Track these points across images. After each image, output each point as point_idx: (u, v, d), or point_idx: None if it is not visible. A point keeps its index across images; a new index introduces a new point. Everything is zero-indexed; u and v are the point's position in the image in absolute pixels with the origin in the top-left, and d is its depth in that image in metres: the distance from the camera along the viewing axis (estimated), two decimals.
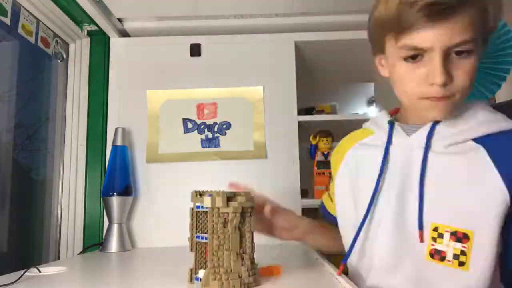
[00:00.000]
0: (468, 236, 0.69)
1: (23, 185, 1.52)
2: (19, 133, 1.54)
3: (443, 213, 0.73)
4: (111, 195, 1.46)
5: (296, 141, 1.62)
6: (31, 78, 1.53)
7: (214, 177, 1.60)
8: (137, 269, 1.05)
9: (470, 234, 0.69)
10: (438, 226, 0.72)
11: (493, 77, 1.25)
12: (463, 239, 0.69)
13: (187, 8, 1.57)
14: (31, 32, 1.39)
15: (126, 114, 1.64)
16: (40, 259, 1.58)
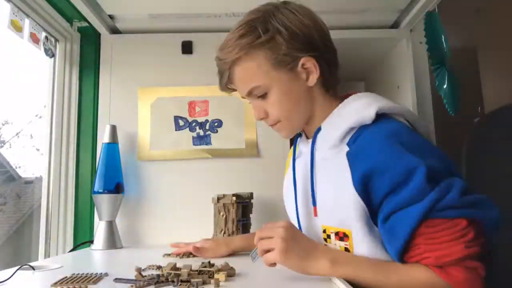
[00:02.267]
0: (347, 235, 0.77)
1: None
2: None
3: (328, 216, 0.81)
4: (102, 192, 1.45)
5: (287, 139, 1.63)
6: None
7: (205, 174, 1.61)
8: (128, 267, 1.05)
9: (348, 233, 0.77)
10: (325, 228, 0.81)
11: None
12: (344, 237, 0.77)
13: (178, 5, 1.57)
14: (20, 28, 1.38)
15: (117, 112, 1.64)
16: (29, 256, 1.56)
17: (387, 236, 0.72)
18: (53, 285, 0.74)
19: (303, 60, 0.84)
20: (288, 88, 0.85)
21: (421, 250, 0.70)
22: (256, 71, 0.84)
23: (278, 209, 1.58)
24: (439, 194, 0.68)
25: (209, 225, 1.43)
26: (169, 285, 0.72)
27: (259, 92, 0.86)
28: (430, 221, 0.69)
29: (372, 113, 0.77)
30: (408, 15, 1.64)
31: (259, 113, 0.89)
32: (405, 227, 0.69)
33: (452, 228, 0.68)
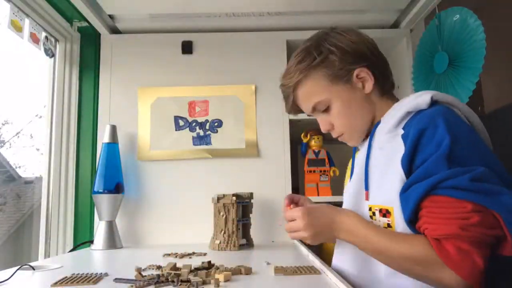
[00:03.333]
0: (390, 211, 0.82)
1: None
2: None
3: (375, 195, 0.87)
4: (102, 192, 1.45)
5: (288, 139, 1.63)
6: None
7: (205, 174, 1.61)
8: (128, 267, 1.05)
9: (390, 210, 0.81)
10: (371, 206, 0.87)
11: (466, 74, 1.29)
12: (387, 214, 0.82)
13: (179, 5, 1.57)
14: (20, 28, 1.38)
15: (117, 112, 1.64)
16: (29, 256, 1.57)
17: (402, 205, 0.78)
18: (53, 285, 0.74)
19: (357, 71, 0.93)
20: (347, 99, 0.94)
21: (422, 220, 0.75)
22: (316, 89, 0.95)
23: (278, 209, 1.58)
24: (451, 173, 0.71)
25: (209, 225, 1.43)
26: (169, 285, 0.72)
27: (322, 106, 0.96)
28: (434, 197, 0.73)
29: (427, 98, 0.83)
30: (408, 15, 1.64)
31: (325, 125, 0.99)
32: (412, 199, 0.75)
33: (453, 208, 0.71)
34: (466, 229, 0.68)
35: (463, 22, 1.31)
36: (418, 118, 0.81)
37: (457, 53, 1.33)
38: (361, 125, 0.96)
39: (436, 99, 0.84)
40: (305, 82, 0.95)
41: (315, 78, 0.95)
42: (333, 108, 0.95)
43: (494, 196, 0.69)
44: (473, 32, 1.26)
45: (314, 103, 0.96)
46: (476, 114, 0.87)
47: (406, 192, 0.77)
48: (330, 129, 0.99)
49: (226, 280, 0.76)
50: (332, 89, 0.94)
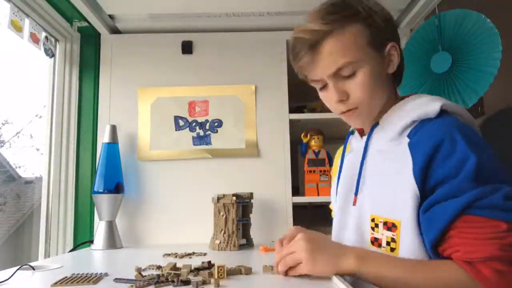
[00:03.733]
0: (396, 225, 0.76)
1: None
2: None
3: (378, 205, 0.81)
4: (102, 192, 1.45)
5: (288, 139, 1.63)
6: None
7: (205, 174, 1.61)
8: (128, 267, 1.05)
9: (397, 223, 0.76)
10: (374, 217, 0.80)
11: (476, 76, 1.28)
12: (392, 228, 0.77)
13: (179, 5, 1.57)
14: (20, 28, 1.38)
15: (117, 111, 1.64)
16: (29, 256, 1.57)
17: (425, 226, 0.72)
18: (53, 285, 0.74)
19: (391, 44, 0.84)
20: (376, 71, 0.83)
21: (452, 243, 0.69)
22: (351, 45, 0.80)
23: (278, 209, 1.58)
24: (483, 192, 0.67)
25: (209, 225, 1.43)
26: (169, 285, 0.72)
27: (349, 69, 0.81)
28: (468, 216, 0.68)
29: (437, 107, 0.77)
30: (408, 15, 1.64)
31: (341, 94, 0.83)
32: (441, 219, 0.69)
33: (489, 228, 0.66)
34: (504, 250, 0.64)
35: (476, 24, 1.28)
36: (429, 129, 0.76)
37: (463, 53, 1.30)
38: (377, 105, 0.86)
39: (446, 109, 0.78)
40: (342, 33, 0.79)
41: (354, 32, 0.80)
42: (359, 74, 0.81)
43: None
44: (488, 37, 1.24)
45: (344, 62, 0.80)
46: (479, 116, 0.86)
47: (429, 212, 0.71)
48: (344, 100, 0.84)
49: (221, 272, 0.76)
50: (367, 52, 0.81)
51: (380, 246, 0.80)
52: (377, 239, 0.80)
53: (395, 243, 0.76)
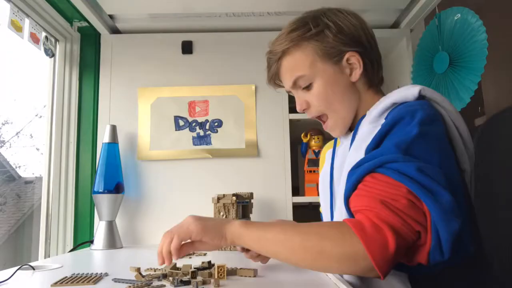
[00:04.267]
0: None
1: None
2: None
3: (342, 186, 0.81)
4: (102, 192, 1.45)
5: (288, 139, 1.63)
6: None
7: (205, 174, 1.61)
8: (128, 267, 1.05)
9: None
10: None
11: (467, 74, 1.29)
12: None
13: (178, 5, 1.57)
14: (20, 28, 1.38)
15: (117, 112, 1.64)
16: (29, 256, 1.57)
17: (346, 182, 0.74)
18: (53, 285, 0.74)
19: (348, 54, 0.89)
20: (332, 80, 0.89)
21: (354, 193, 0.70)
22: (303, 61, 0.90)
23: (278, 209, 1.58)
24: (400, 158, 0.67)
25: None
26: (169, 285, 0.72)
27: (304, 82, 0.91)
28: (375, 174, 0.68)
29: (416, 91, 0.78)
30: (408, 15, 1.64)
31: (301, 104, 0.93)
32: (356, 175, 0.70)
33: (390, 188, 0.65)
34: (387, 207, 0.63)
35: (464, 22, 1.30)
36: (399, 108, 0.77)
37: (458, 53, 1.33)
38: (343, 112, 0.91)
39: (424, 94, 0.79)
40: (294, 52, 0.90)
41: (304, 50, 0.89)
42: (314, 86, 0.90)
43: (434, 193, 0.63)
44: (474, 32, 1.26)
45: (297, 76, 0.90)
46: (479, 116, 0.86)
47: (353, 170, 0.73)
48: (305, 108, 0.94)
49: (221, 272, 0.76)
50: (319, 66, 0.89)
51: None
52: None
53: None
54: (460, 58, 1.32)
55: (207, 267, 0.85)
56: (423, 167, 0.65)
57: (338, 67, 0.90)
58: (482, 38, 1.23)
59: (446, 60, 1.37)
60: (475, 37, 1.25)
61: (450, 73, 1.36)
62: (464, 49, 1.30)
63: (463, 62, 1.31)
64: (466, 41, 1.29)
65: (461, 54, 1.31)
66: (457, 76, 1.32)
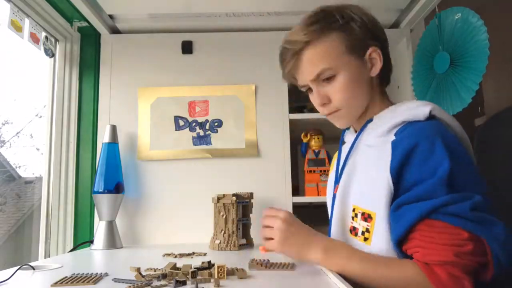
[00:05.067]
0: (372, 217, 0.81)
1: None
2: None
3: (359, 196, 0.86)
4: (102, 192, 1.45)
5: (288, 139, 1.63)
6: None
7: (205, 174, 1.61)
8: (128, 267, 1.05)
9: (373, 215, 0.80)
10: (355, 207, 0.85)
11: (469, 74, 1.29)
12: (368, 218, 0.81)
13: (178, 5, 1.57)
14: (20, 28, 1.38)
15: (117, 111, 1.64)
16: (29, 256, 1.57)
17: (392, 224, 0.76)
18: (53, 285, 0.74)
19: (371, 49, 0.89)
20: (355, 75, 0.89)
21: (413, 244, 0.73)
22: (329, 53, 0.87)
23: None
24: (451, 199, 0.70)
25: (209, 225, 1.43)
26: (169, 285, 0.72)
27: (328, 74, 0.88)
28: (431, 221, 0.71)
29: (427, 111, 0.81)
30: (408, 15, 1.64)
31: (322, 98, 0.91)
32: (406, 219, 0.73)
33: (448, 234, 0.70)
34: (460, 257, 0.68)
35: (465, 22, 1.30)
36: (412, 129, 0.79)
37: (459, 53, 1.32)
38: (358, 106, 0.92)
39: (435, 114, 0.82)
40: (320, 42, 0.87)
41: (332, 41, 0.87)
42: (338, 79, 0.88)
43: (488, 226, 0.69)
44: (475, 31, 1.26)
45: (322, 68, 0.88)
46: (479, 116, 0.87)
47: (398, 211, 0.75)
48: (326, 103, 0.92)
49: (221, 272, 0.76)
50: (345, 58, 0.88)
51: (357, 235, 0.84)
52: (355, 228, 0.85)
53: (368, 234, 0.81)
54: (461, 58, 1.32)
55: (207, 267, 0.85)
56: (474, 203, 0.70)
57: (361, 61, 0.90)
58: (483, 38, 1.23)
59: (446, 60, 1.37)
60: (476, 37, 1.25)
61: (451, 73, 1.35)
62: (465, 49, 1.30)
63: (464, 62, 1.30)
64: (467, 41, 1.29)
65: (462, 54, 1.31)
66: (458, 76, 1.32)
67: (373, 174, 0.82)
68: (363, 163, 0.87)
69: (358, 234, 0.84)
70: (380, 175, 0.79)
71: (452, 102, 1.34)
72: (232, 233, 1.34)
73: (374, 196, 0.80)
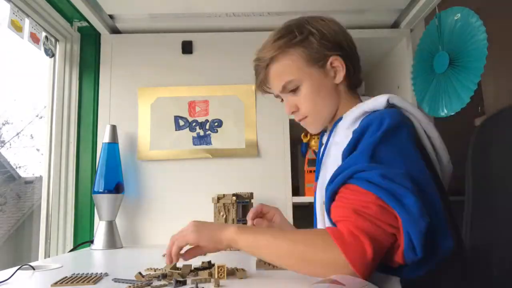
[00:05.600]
0: None
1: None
2: None
3: (322, 189, 0.87)
4: (102, 192, 1.45)
5: (288, 139, 1.63)
6: None
7: (205, 174, 1.61)
8: (128, 267, 1.05)
9: None
10: (324, 200, 0.86)
11: (467, 74, 1.29)
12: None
13: (178, 5, 1.57)
14: (20, 28, 1.38)
15: (117, 112, 1.64)
16: (29, 256, 1.57)
17: (325, 195, 0.79)
18: (53, 285, 0.74)
19: (332, 58, 0.94)
20: (318, 84, 0.95)
21: (332, 206, 0.76)
22: (291, 67, 0.94)
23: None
24: (366, 167, 0.73)
25: None
26: (169, 285, 0.72)
27: (292, 86, 0.95)
28: (348, 185, 0.75)
29: (384, 100, 0.84)
30: (408, 15, 1.64)
31: (291, 107, 0.98)
32: (332, 188, 0.77)
33: (358, 196, 0.72)
34: (361, 215, 0.69)
35: (464, 22, 1.30)
36: (369, 117, 0.83)
37: (458, 53, 1.33)
38: (325, 112, 0.97)
39: (393, 102, 0.85)
40: (281, 58, 0.95)
41: (291, 56, 0.94)
42: (302, 89, 0.95)
43: (399, 197, 0.69)
44: (474, 31, 1.26)
45: (286, 81, 0.95)
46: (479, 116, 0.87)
47: (331, 182, 0.79)
48: (294, 111, 0.99)
49: (221, 272, 0.76)
50: (306, 70, 0.94)
51: None
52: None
53: None
54: (460, 58, 1.32)
55: (207, 267, 0.85)
56: (387, 173, 0.71)
57: (323, 71, 0.95)
58: (482, 38, 1.23)
59: (446, 60, 1.37)
60: (475, 37, 1.25)
61: (450, 73, 1.36)
62: (464, 49, 1.30)
63: (463, 62, 1.31)
64: (466, 41, 1.29)
65: (461, 54, 1.31)
66: (457, 76, 1.32)
67: (332, 165, 0.86)
68: (332, 161, 0.90)
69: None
70: (336, 162, 0.83)
71: (451, 101, 1.34)
72: None
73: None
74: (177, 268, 0.82)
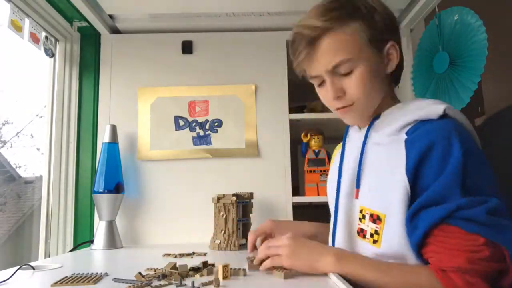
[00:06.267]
0: (381, 218, 0.78)
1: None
2: None
3: (367, 197, 0.83)
4: (102, 192, 1.45)
5: (288, 139, 1.63)
6: None
7: (205, 174, 1.61)
8: (128, 267, 1.05)
9: (382, 216, 0.78)
10: (362, 208, 0.83)
11: (467, 74, 1.29)
12: (377, 220, 0.79)
13: (178, 5, 1.57)
14: (20, 28, 1.38)
15: (117, 112, 1.64)
16: (29, 256, 1.57)
17: (412, 229, 0.74)
18: (53, 285, 0.74)
19: (390, 44, 0.85)
20: (374, 68, 0.84)
21: (430, 248, 0.72)
22: (350, 43, 0.81)
23: (278, 209, 1.58)
24: (466, 203, 0.69)
25: (209, 225, 1.43)
26: (168, 285, 0.72)
27: (346, 66, 0.82)
28: (446, 226, 0.70)
29: (441, 110, 0.78)
30: (408, 15, 1.64)
31: (337, 91, 0.84)
32: (423, 225, 0.71)
33: (466, 240, 0.68)
34: (474, 263, 0.67)
35: (464, 22, 1.30)
36: (428, 129, 0.77)
37: (458, 53, 1.33)
38: (374, 102, 0.87)
39: (448, 113, 0.79)
40: (339, 31, 0.80)
41: (354, 30, 0.80)
42: (356, 72, 0.82)
43: (506, 231, 0.67)
44: (474, 31, 1.26)
45: (341, 59, 0.81)
46: (479, 116, 0.86)
47: (416, 215, 0.73)
48: (340, 96, 0.85)
49: (225, 272, 0.76)
50: (365, 51, 0.82)
51: (365, 237, 0.82)
52: (362, 230, 0.83)
53: (378, 236, 0.79)
54: (460, 58, 1.32)
55: (203, 267, 0.85)
56: (490, 208, 0.68)
57: (380, 55, 0.85)
58: (482, 38, 1.23)
59: (446, 60, 1.37)
60: (475, 37, 1.25)
61: (450, 73, 1.35)
62: (464, 49, 1.30)
63: (463, 62, 1.31)
64: (466, 41, 1.29)
65: (461, 54, 1.31)
66: (457, 76, 1.32)
67: (385, 175, 0.79)
68: (372, 163, 0.84)
69: (366, 236, 0.82)
70: (395, 177, 0.77)
71: (451, 102, 1.34)
72: (232, 233, 1.34)
73: (387, 197, 0.78)
74: (177, 268, 0.82)
